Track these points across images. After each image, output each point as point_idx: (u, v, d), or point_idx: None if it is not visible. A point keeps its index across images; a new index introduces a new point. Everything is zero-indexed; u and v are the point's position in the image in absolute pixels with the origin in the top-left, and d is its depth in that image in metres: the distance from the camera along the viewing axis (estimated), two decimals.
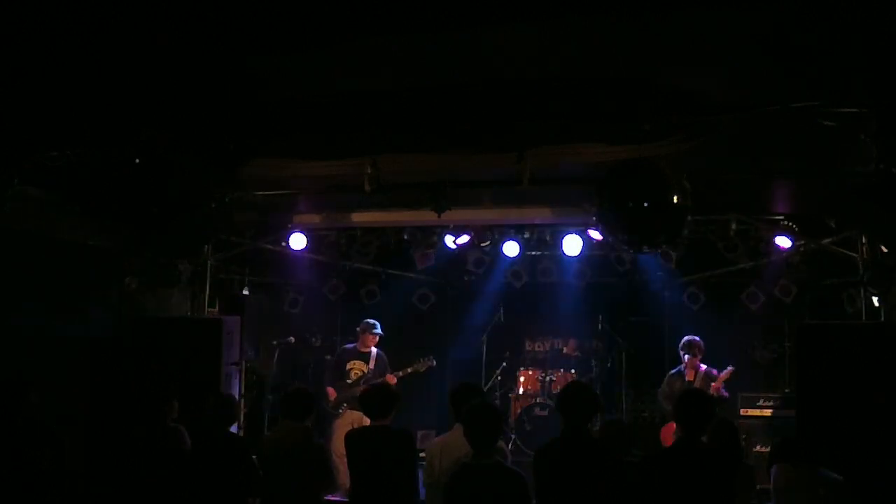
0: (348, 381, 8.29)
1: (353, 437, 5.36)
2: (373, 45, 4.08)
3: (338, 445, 7.44)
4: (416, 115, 5.13)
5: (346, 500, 7.20)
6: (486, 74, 4.50)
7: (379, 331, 8.46)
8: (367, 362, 8.37)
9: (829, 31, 3.75)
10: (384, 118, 5.21)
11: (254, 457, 5.42)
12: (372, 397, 5.30)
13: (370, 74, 4.52)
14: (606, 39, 3.99)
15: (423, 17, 3.71)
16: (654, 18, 3.73)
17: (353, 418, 8.06)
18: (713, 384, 8.01)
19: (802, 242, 7.98)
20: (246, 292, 9.24)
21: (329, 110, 5.18)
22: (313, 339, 9.01)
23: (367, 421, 7.68)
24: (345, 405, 8.18)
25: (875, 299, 7.32)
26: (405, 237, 8.82)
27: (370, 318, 8.61)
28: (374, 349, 8.48)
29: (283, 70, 4.50)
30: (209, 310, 8.64)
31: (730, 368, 8.21)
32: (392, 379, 8.07)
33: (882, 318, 7.23)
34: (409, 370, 8.47)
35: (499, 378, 10.03)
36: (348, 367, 8.41)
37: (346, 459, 5.27)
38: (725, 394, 8.19)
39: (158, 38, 4.03)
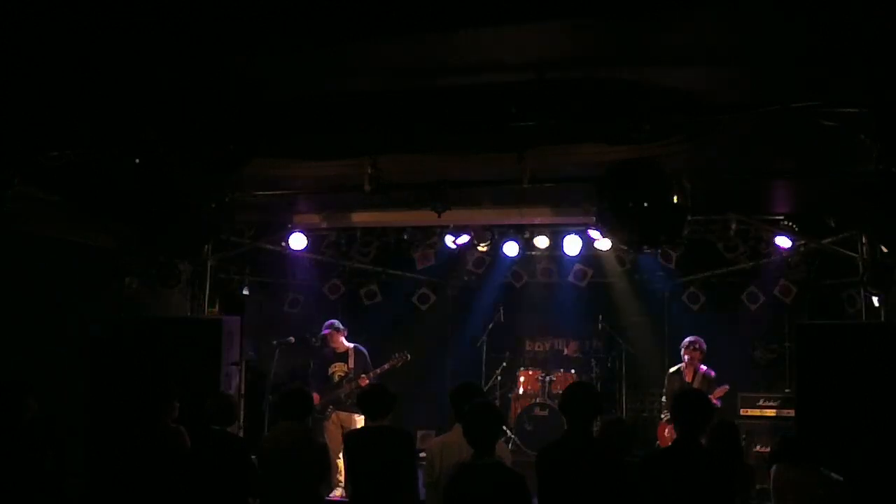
0: (333, 384, 8.30)
1: (353, 438, 5.37)
2: (372, 46, 4.08)
3: (329, 446, 7.45)
4: (416, 115, 5.13)
5: (343, 499, 7.22)
6: (486, 74, 4.50)
7: (337, 326, 8.40)
8: (346, 362, 8.35)
9: (829, 31, 3.75)
10: (384, 118, 5.20)
11: (253, 457, 5.43)
12: (370, 398, 5.30)
13: (370, 75, 4.52)
14: (606, 39, 4.00)
15: (423, 17, 3.71)
16: (654, 18, 3.73)
17: (340, 419, 8.08)
18: (709, 397, 7.98)
19: (802, 242, 7.98)
20: (246, 292, 9.24)
21: (329, 110, 5.18)
22: (313, 339, 8.99)
23: (355, 421, 7.77)
24: (331, 407, 8.18)
25: (875, 299, 7.32)
26: (405, 237, 8.83)
27: (334, 320, 8.58)
28: (350, 346, 8.43)
29: (282, 70, 4.50)
30: (209, 310, 8.64)
31: (725, 387, 8.21)
32: (363, 382, 8.00)
33: (882, 318, 7.23)
34: (387, 367, 8.40)
35: (499, 378, 10.04)
36: (330, 371, 8.39)
37: (337, 459, 5.27)
38: (719, 405, 8.19)
39: (159, 38, 4.03)
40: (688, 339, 8.43)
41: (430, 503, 4.87)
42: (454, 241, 8.78)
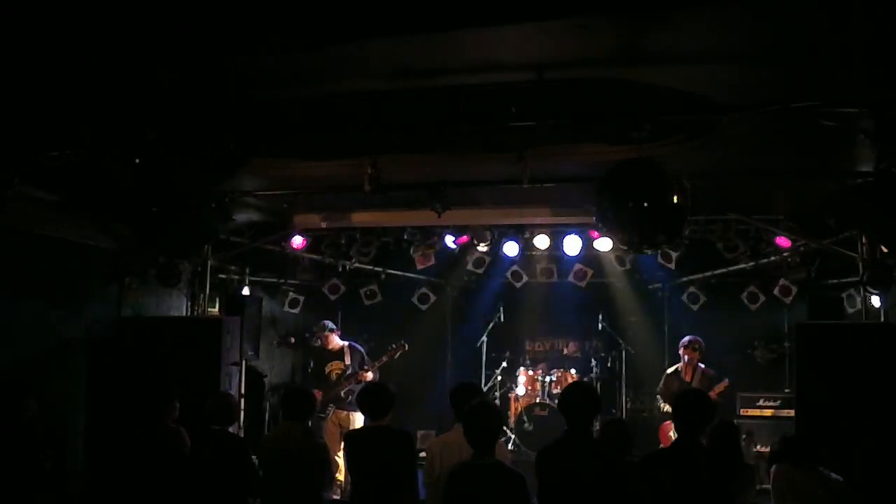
0: (331, 383, 8.33)
1: (353, 438, 5.36)
2: (372, 46, 4.08)
3: (328, 445, 7.45)
4: (416, 115, 5.13)
5: (342, 499, 7.22)
6: (486, 74, 4.50)
7: (330, 327, 8.52)
8: (342, 360, 8.41)
9: (829, 31, 3.75)
10: (384, 118, 5.20)
11: (254, 457, 5.43)
12: (370, 397, 5.30)
13: (370, 74, 4.52)
14: (606, 39, 3.99)
15: (423, 17, 3.71)
16: (653, 18, 3.73)
17: (339, 418, 8.10)
18: (709, 394, 7.98)
19: (802, 242, 7.98)
20: (246, 292, 9.25)
21: (329, 110, 5.18)
22: (313, 339, 9.01)
23: (354, 420, 7.79)
24: (331, 406, 8.23)
25: (875, 299, 7.32)
26: (405, 237, 8.84)
27: (326, 321, 8.67)
28: (345, 343, 8.50)
29: (282, 70, 4.50)
30: (209, 310, 8.64)
31: (725, 382, 8.22)
32: (365, 375, 8.09)
33: (882, 318, 7.23)
34: (385, 359, 8.46)
35: (499, 378, 10.04)
36: (327, 370, 8.45)
37: (336, 458, 5.27)
38: (720, 401, 8.18)
39: (159, 38, 4.03)
40: (686, 339, 8.43)
41: (431, 503, 4.87)
42: (454, 241, 8.78)
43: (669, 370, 8.61)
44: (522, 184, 5.89)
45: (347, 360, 8.37)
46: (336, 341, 8.49)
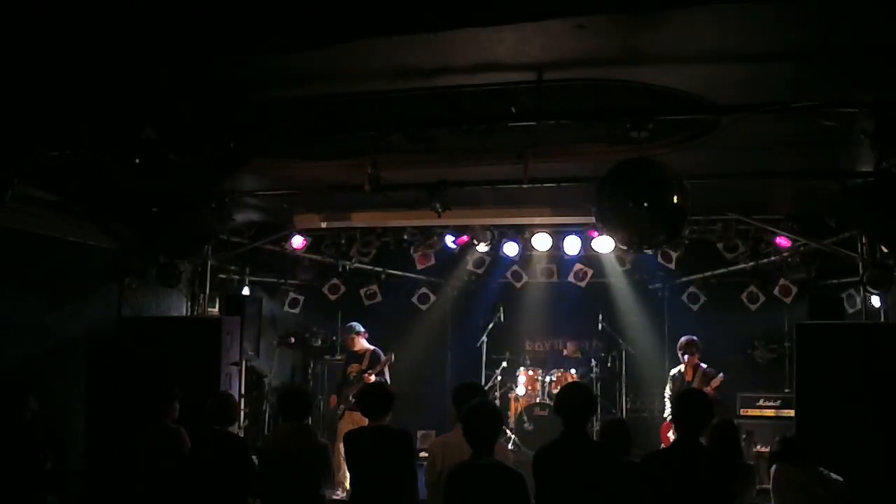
0: (347, 384, 8.40)
1: (353, 438, 5.36)
2: (373, 46, 4.08)
3: (339, 445, 7.48)
4: (415, 115, 5.13)
5: (344, 498, 7.22)
6: (486, 74, 4.50)
7: (357, 329, 8.56)
8: (360, 362, 8.47)
9: (830, 31, 3.75)
10: (384, 118, 5.20)
11: (254, 457, 5.43)
12: (369, 398, 5.31)
13: (370, 75, 4.52)
14: (606, 39, 4.00)
15: (423, 17, 3.71)
16: (654, 18, 3.73)
17: (353, 419, 8.12)
18: (706, 388, 7.98)
19: (802, 242, 7.98)
20: (246, 292, 9.25)
21: (329, 110, 5.18)
22: (313, 339, 9.02)
23: (366, 421, 7.82)
24: (342, 406, 8.28)
25: (875, 299, 7.32)
26: (405, 237, 8.84)
27: (355, 321, 8.71)
28: (369, 347, 8.56)
29: (282, 70, 4.50)
30: (209, 310, 8.65)
31: (720, 376, 8.22)
32: (369, 379, 8.15)
33: (882, 318, 7.23)
34: (378, 368, 8.50)
35: (499, 378, 10.03)
36: (348, 371, 8.55)
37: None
38: (719, 397, 8.17)
39: (158, 38, 4.03)
40: (684, 340, 8.42)
41: (431, 503, 4.87)
42: (454, 241, 8.79)
43: (673, 371, 8.60)
44: (522, 184, 5.89)
45: (364, 364, 8.41)
46: (361, 344, 8.56)
